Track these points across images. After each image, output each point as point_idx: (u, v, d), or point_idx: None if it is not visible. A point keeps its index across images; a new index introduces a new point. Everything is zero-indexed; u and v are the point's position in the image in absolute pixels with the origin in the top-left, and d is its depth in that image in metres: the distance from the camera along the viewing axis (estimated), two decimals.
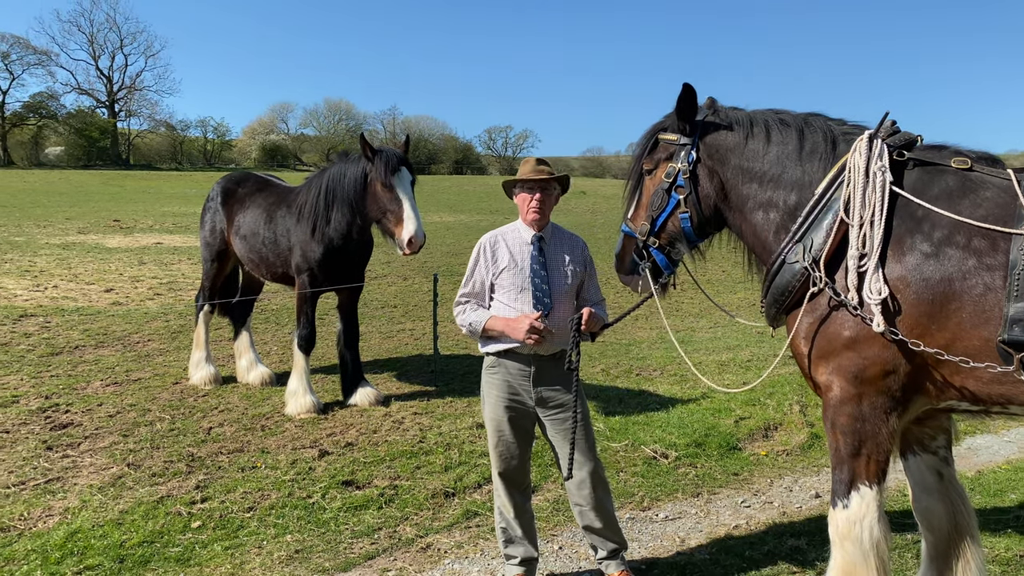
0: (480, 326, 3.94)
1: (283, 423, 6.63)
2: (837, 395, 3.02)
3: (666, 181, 3.52)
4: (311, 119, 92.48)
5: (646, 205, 3.62)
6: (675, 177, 3.50)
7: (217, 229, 7.98)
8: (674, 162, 3.51)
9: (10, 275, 14.20)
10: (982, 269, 2.74)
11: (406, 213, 6.40)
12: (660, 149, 3.58)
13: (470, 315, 3.99)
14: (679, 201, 3.51)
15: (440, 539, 4.70)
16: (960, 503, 3.33)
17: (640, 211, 3.67)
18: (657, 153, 3.58)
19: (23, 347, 9.03)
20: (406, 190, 6.51)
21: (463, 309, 4.04)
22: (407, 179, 6.57)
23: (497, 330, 3.91)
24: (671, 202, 3.53)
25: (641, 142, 3.68)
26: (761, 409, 7.01)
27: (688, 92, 3.42)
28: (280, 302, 12.29)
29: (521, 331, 3.82)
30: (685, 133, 3.50)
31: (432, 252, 19.89)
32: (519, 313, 3.91)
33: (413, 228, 6.34)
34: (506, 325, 3.88)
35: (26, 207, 31.03)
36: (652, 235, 3.60)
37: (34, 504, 4.91)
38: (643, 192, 3.66)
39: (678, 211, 3.52)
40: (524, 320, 3.83)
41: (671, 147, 3.53)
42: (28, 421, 6.50)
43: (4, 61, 73.54)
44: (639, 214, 3.67)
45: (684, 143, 3.49)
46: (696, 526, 4.95)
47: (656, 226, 3.59)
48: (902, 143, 3.06)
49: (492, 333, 3.94)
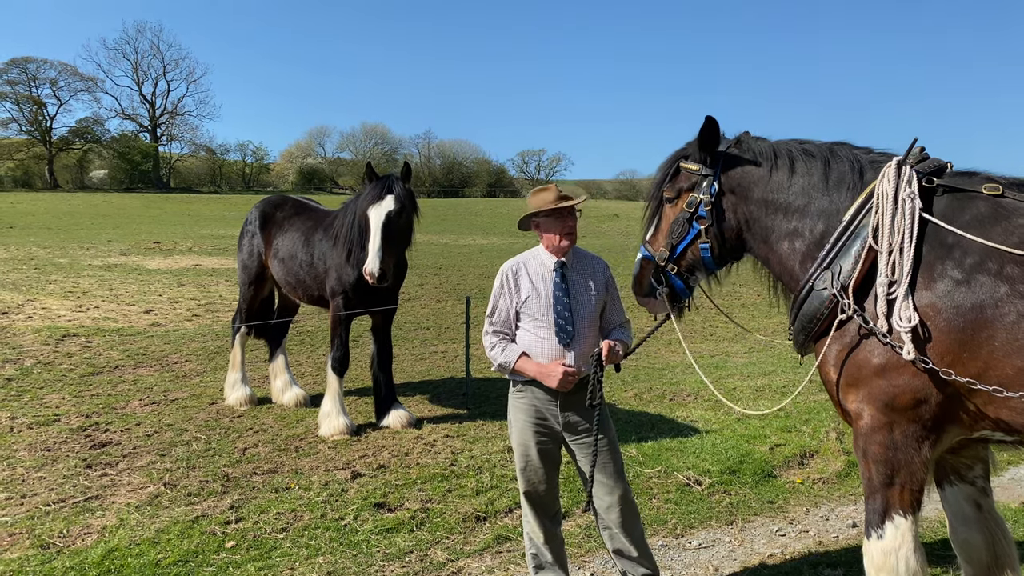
0: (511, 367, 3.94)
1: (316, 444, 6.69)
2: (868, 423, 2.97)
3: (687, 211, 3.52)
4: (348, 143, 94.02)
5: (665, 231, 3.62)
6: (696, 208, 3.49)
7: (255, 252, 8.11)
8: (696, 192, 3.50)
9: (54, 296, 14.55)
10: (1015, 297, 2.69)
11: (370, 244, 6.58)
12: (682, 178, 3.57)
13: (499, 356, 3.97)
14: (700, 231, 3.51)
15: (471, 563, 4.69)
16: (1000, 534, 3.25)
17: (659, 236, 3.66)
18: (679, 181, 3.57)
19: (65, 366, 9.23)
20: (377, 220, 6.60)
21: (493, 345, 4.01)
22: (385, 208, 6.63)
23: (529, 374, 3.90)
24: (692, 232, 3.52)
25: (663, 168, 3.67)
26: (797, 436, 6.91)
27: (710, 124, 3.44)
28: (315, 324, 12.42)
29: (555, 379, 3.80)
30: (707, 164, 3.49)
31: (465, 275, 20.00)
32: (544, 341, 3.89)
33: (368, 260, 6.52)
34: (538, 372, 3.86)
35: (70, 229, 31.81)
36: (671, 261, 3.60)
37: (73, 522, 5.00)
38: (663, 218, 3.66)
39: (698, 241, 3.52)
40: (557, 368, 3.81)
41: (693, 177, 3.53)
42: (68, 439, 6.63)
43: (52, 87, 76.08)
44: (657, 239, 3.66)
45: (706, 174, 3.48)
46: (730, 555, 4.89)
47: (675, 253, 3.59)
48: (932, 169, 3.03)
49: (524, 376, 3.93)
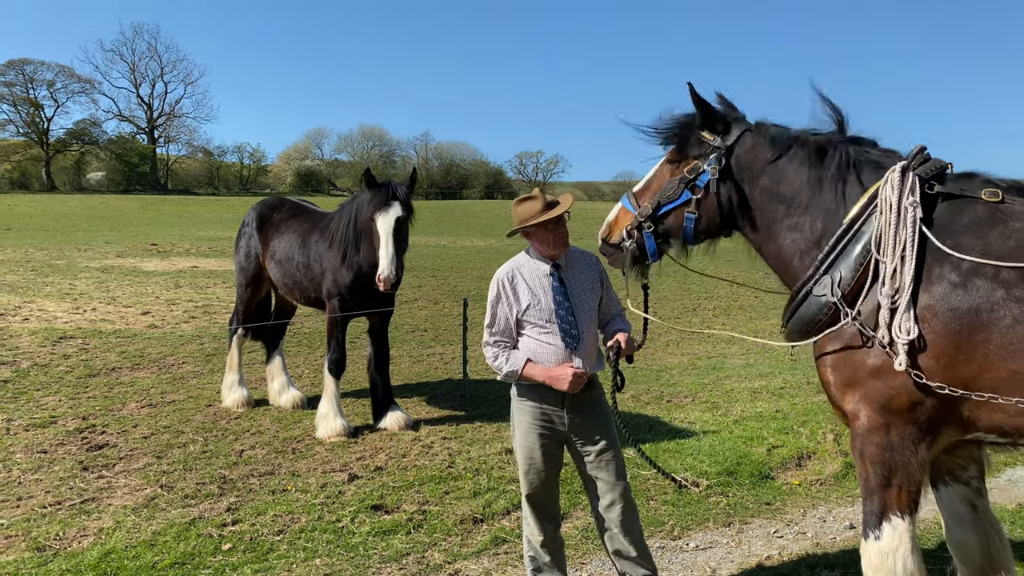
0: (519, 375, 3.89)
1: (313, 446, 6.68)
2: (865, 424, 2.97)
3: (687, 176, 3.46)
4: (345, 145, 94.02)
5: (655, 189, 3.56)
6: (697, 176, 3.43)
7: (252, 254, 8.11)
8: (702, 162, 3.44)
9: (51, 298, 14.52)
10: (1010, 300, 2.70)
11: (381, 250, 6.57)
12: (693, 143, 3.49)
13: (505, 365, 3.91)
14: (691, 200, 3.45)
15: (468, 565, 4.69)
16: (995, 535, 3.26)
17: (646, 192, 3.60)
18: (689, 147, 3.49)
19: (62, 368, 9.22)
20: (387, 225, 6.61)
21: (496, 355, 3.96)
22: (393, 215, 6.64)
23: (537, 379, 3.85)
24: (682, 197, 3.47)
25: (678, 127, 3.54)
26: (794, 437, 6.92)
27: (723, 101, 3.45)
28: (312, 326, 12.41)
29: (565, 382, 3.75)
30: (722, 135, 3.43)
31: (463, 276, 19.99)
32: (550, 347, 3.86)
33: (383, 266, 6.52)
34: (547, 376, 3.81)
35: (67, 231, 31.75)
36: (651, 219, 3.54)
37: (69, 524, 4.99)
38: (656, 176, 3.60)
39: (686, 209, 3.46)
40: (566, 371, 3.77)
41: (704, 146, 3.46)
42: (65, 441, 6.62)
43: (49, 89, 76.09)
44: (644, 195, 3.60)
45: (718, 147, 3.42)
46: (727, 556, 4.88)
47: (658, 213, 3.52)
48: (933, 172, 3.03)
49: (532, 381, 3.88)
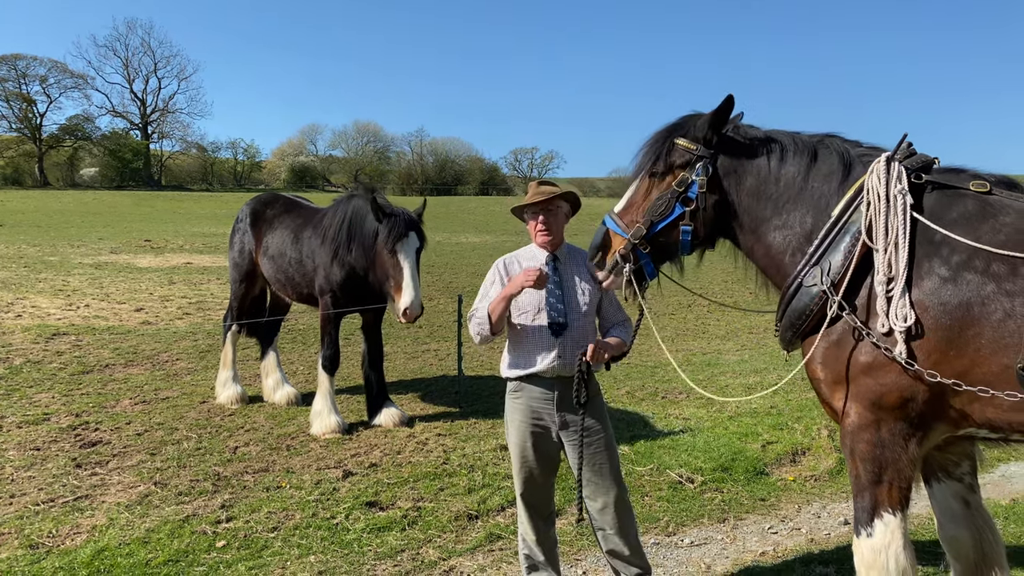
0: (485, 318, 3.87)
1: (308, 443, 6.67)
2: (855, 421, 2.96)
3: (676, 189, 3.31)
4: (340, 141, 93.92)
5: (643, 206, 3.38)
6: (687, 188, 3.29)
7: (246, 250, 8.09)
8: (689, 172, 3.30)
9: (44, 294, 14.48)
10: (1001, 295, 2.69)
11: (405, 282, 6.43)
12: (676, 153, 3.34)
13: (474, 327, 3.93)
14: (684, 213, 3.30)
15: (463, 562, 4.68)
16: (987, 531, 3.25)
17: (632, 210, 3.41)
18: (672, 157, 3.34)
19: (55, 365, 9.18)
20: (409, 257, 6.50)
21: (471, 316, 3.99)
22: (413, 246, 6.56)
23: (500, 300, 3.83)
24: (675, 212, 3.32)
25: (657, 140, 3.40)
26: (789, 434, 6.93)
27: (729, 104, 3.24)
28: (307, 322, 12.39)
29: (530, 280, 3.71)
30: (708, 144, 3.29)
31: (458, 273, 19.98)
32: (536, 331, 3.89)
33: (409, 299, 6.38)
34: (510, 289, 3.80)
35: (60, 227, 31.66)
36: (646, 239, 3.36)
37: (62, 521, 4.97)
38: (640, 192, 3.42)
39: (681, 223, 3.32)
40: (527, 272, 3.75)
41: (687, 155, 3.32)
42: (58, 439, 6.59)
43: (42, 84, 75.74)
44: (630, 213, 3.42)
45: (703, 154, 3.28)
46: (722, 552, 4.89)
47: (653, 231, 3.35)
48: (919, 165, 3.01)
49: (497, 311, 3.84)
